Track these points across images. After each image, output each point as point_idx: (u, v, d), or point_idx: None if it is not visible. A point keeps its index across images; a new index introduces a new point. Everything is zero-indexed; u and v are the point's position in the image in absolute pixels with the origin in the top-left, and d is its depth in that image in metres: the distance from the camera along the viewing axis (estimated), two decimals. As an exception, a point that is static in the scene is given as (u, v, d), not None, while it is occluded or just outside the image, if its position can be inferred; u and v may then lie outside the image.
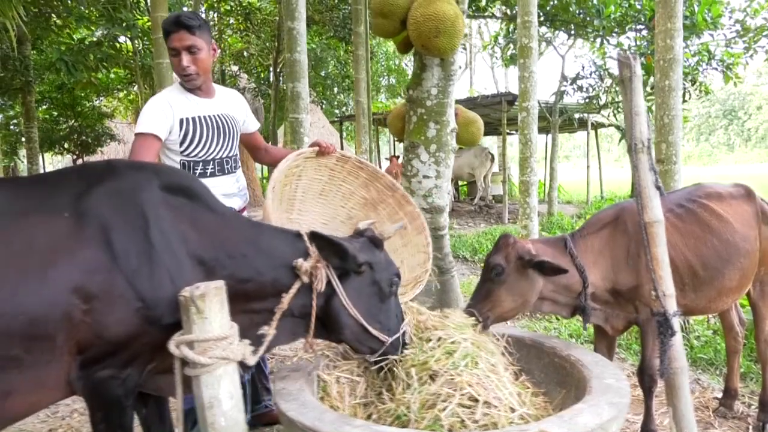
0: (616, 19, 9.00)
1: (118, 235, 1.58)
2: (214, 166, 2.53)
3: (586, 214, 11.61)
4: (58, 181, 1.68)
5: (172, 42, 2.34)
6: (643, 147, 2.35)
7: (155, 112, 2.34)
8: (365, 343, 1.96)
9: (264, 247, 1.85)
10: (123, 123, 19.02)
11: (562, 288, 2.41)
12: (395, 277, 2.02)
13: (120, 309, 1.56)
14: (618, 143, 14.88)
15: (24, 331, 1.41)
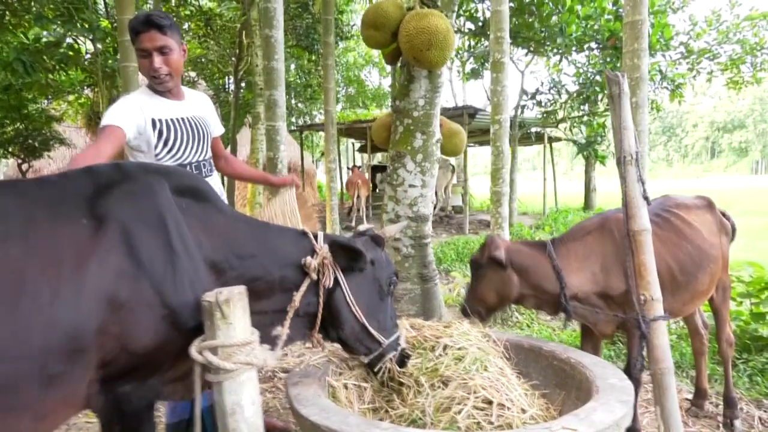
0: (577, 37, 9.41)
1: (140, 241, 1.52)
2: (191, 170, 2.42)
3: (544, 225, 11.97)
4: (65, 184, 1.60)
5: (142, 42, 2.22)
6: (631, 159, 2.48)
7: (122, 108, 2.21)
8: (363, 341, 1.99)
9: (272, 246, 1.86)
10: (73, 127, 18.28)
11: (540, 287, 2.60)
12: (393, 276, 2.09)
13: (147, 317, 1.52)
14: (574, 157, 15.44)
15: (61, 345, 1.35)
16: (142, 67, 2.28)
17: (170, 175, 1.75)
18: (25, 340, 1.27)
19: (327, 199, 8.93)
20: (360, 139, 19.65)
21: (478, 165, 57.20)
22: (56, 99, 15.33)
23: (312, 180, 24.68)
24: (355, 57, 24.51)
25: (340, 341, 2.02)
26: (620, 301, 2.52)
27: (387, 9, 3.22)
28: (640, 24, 4.42)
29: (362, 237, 2.10)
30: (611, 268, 2.54)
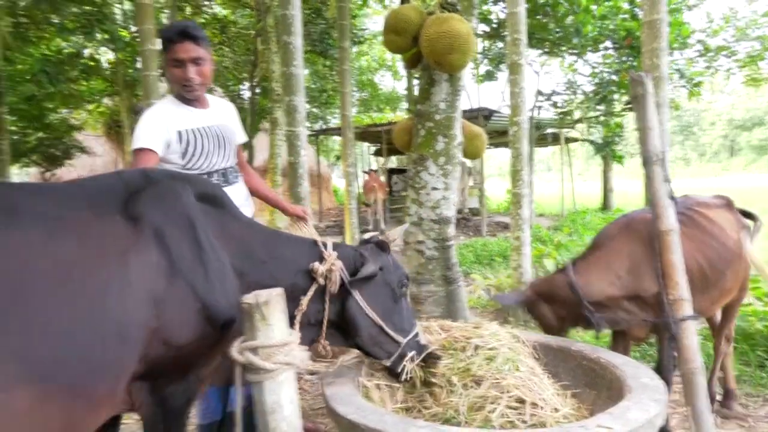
0: (593, 37, 9.38)
1: (172, 240, 1.59)
2: (219, 177, 2.49)
3: (562, 226, 11.91)
4: (99, 187, 1.66)
5: (177, 53, 2.28)
6: (657, 159, 2.49)
7: (150, 126, 2.29)
8: (382, 345, 2.02)
9: (283, 253, 1.92)
10: (92, 135, 18.59)
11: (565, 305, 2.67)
12: (404, 279, 2.13)
13: (183, 312, 1.58)
14: (592, 157, 15.35)
15: (111, 337, 1.40)
16: (174, 76, 2.33)
17: (192, 182, 1.83)
18: (81, 330, 1.33)
19: (345, 203, 8.98)
20: (375, 142, 19.71)
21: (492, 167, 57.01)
22: (76, 108, 15.59)
23: (327, 184, 24.82)
24: (368, 61, 24.61)
25: (358, 347, 2.06)
26: (653, 302, 2.51)
27: (408, 14, 3.26)
28: (658, 23, 4.41)
29: (367, 244, 2.15)
30: (641, 269, 2.52)
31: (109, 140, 19.51)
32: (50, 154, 14.93)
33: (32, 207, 1.39)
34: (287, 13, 4.92)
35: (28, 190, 1.50)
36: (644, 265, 2.52)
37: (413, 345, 2.06)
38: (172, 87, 2.43)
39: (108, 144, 19.69)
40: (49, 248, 1.33)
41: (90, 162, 18.61)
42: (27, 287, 1.26)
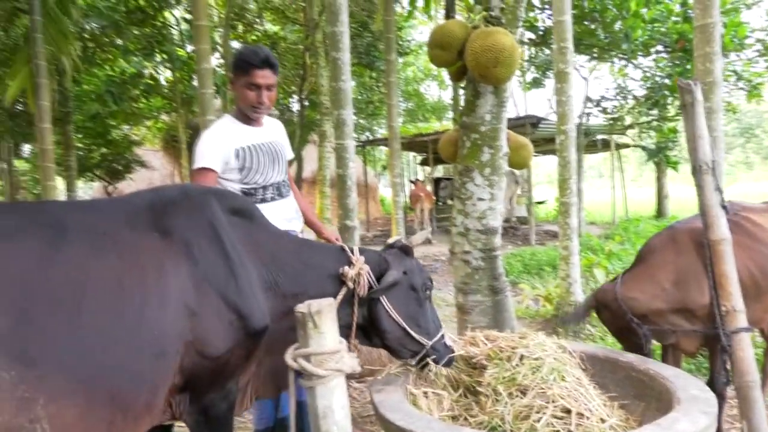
0: (643, 42, 9.16)
1: (202, 253, 1.67)
2: (273, 191, 2.63)
3: (614, 235, 11.61)
4: (138, 203, 1.75)
5: (256, 78, 2.44)
6: (707, 168, 2.46)
7: (210, 146, 2.45)
8: (407, 346, 2.11)
9: (313, 261, 2.01)
10: (151, 150, 19.47)
11: (620, 319, 2.65)
12: (428, 282, 2.20)
13: (217, 324, 1.64)
14: (645, 163, 14.91)
15: (150, 349, 1.46)
16: (246, 97, 2.50)
17: (223, 197, 1.94)
18: (123, 344, 1.41)
19: (392, 213, 9.08)
20: (421, 152, 19.78)
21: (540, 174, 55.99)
22: (136, 125, 16.40)
23: (374, 194, 25.03)
24: (414, 71, 24.76)
25: (385, 347, 2.14)
26: (701, 314, 2.46)
27: (452, 29, 3.32)
28: (711, 27, 4.31)
29: (392, 249, 2.22)
30: (688, 281, 2.49)
31: (166, 154, 20.38)
32: (112, 169, 15.76)
33: (79, 224, 1.48)
34: (335, 30, 5.08)
35: (74, 207, 1.63)
36: (691, 276, 2.48)
37: (439, 346, 2.14)
38: (239, 106, 2.59)
39: (165, 158, 20.57)
40: (94, 264, 1.42)
41: (148, 175, 19.49)
42: (75, 303, 1.34)
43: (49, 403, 1.23)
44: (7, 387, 1.17)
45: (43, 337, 1.26)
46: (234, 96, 2.63)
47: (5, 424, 1.17)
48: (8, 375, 1.17)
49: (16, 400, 1.18)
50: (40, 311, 1.28)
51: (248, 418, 3.22)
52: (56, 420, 1.24)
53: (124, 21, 7.21)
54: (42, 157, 6.54)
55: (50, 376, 1.24)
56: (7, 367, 1.18)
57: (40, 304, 1.28)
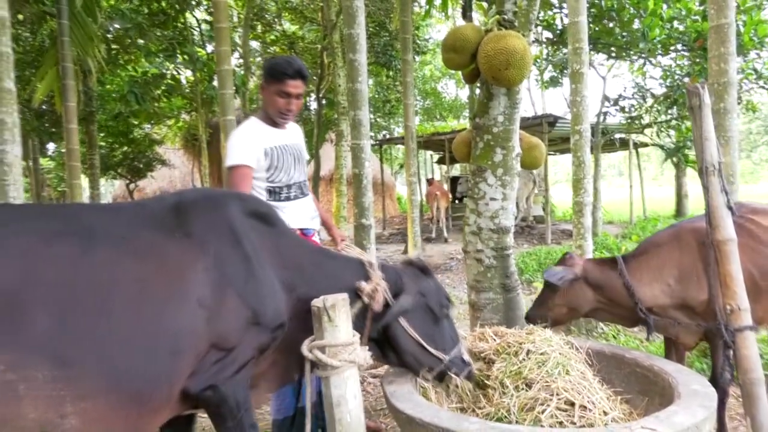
0: (661, 41, 9.11)
1: (222, 253, 1.75)
2: (296, 189, 2.77)
3: (631, 234, 11.56)
4: (161, 206, 1.83)
5: (288, 86, 2.61)
6: (714, 170, 2.51)
7: (244, 144, 2.61)
8: (423, 363, 2.15)
9: (330, 270, 2.07)
10: (171, 149, 19.79)
11: (614, 302, 2.70)
12: (445, 300, 2.24)
13: (234, 318, 1.72)
14: (662, 163, 14.79)
15: (171, 346, 1.55)
16: (276, 104, 2.66)
17: (244, 200, 2.02)
18: (147, 344, 1.50)
19: (408, 212, 9.17)
20: (438, 150, 19.82)
21: (559, 173, 55.57)
22: (158, 124, 16.69)
23: (391, 192, 25.12)
24: (431, 70, 24.79)
25: (400, 364, 2.20)
26: (701, 311, 2.53)
27: (465, 32, 3.40)
28: (726, 28, 4.32)
29: (410, 268, 2.27)
30: (689, 278, 2.56)
31: (186, 152, 20.70)
32: (134, 167, 16.07)
33: (107, 229, 1.58)
34: (352, 32, 5.18)
35: (103, 212, 1.73)
36: (692, 274, 2.54)
37: (456, 361, 2.18)
38: (268, 110, 2.73)
39: (185, 156, 20.89)
40: (120, 268, 1.52)
41: (168, 173, 19.83)
42: (102, 305, 1.44)
43: (77, 401, 1.33)
44: (40, 385, 1.27)
45: (73, 339, 1.36)
46: (263, 100, 2.75)
47: (38, 419, 1.27)
48: (41, 374, 1.27)
49: (48, 397, 1.28)
50: (71, 314, 1.37)
51: (264, 410, 3.33)
52: (84, 416, 1.34)
53: (147, 23, 7.41)
54: (69, 156, 6.76)
55: (79, 375, 1.34)
56: (41, 367, 1.28)
57: (71, 307, 1.38)
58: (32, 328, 1.28)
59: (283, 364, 2.03)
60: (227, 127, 6.38)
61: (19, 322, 1.27)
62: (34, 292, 1.32)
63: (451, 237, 13.40)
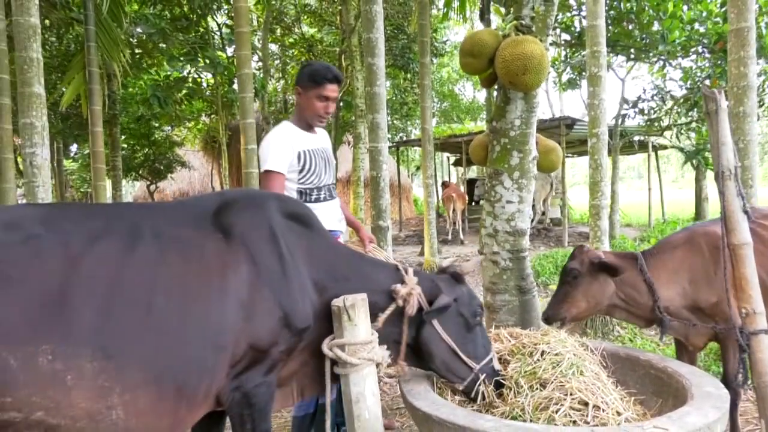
0: (681, 43, 9.04)
1: (259, 253, 1.80)
2: (325, 192, 2.87)
3: (650, 237, 11.46)
4: (203, 205, 1.89)
5: (327, 91, 2.75)
6: (730, 174, 2.52)
7: (277, 149, 2.71)
8: (455, 371, 2.17)
9: (365, 273, 2.11)
10: (191, 151, 20.07)
11: (632, 299, 2.69)
12: (478, 309, 2.26)
13: (268, 318, 1.77)
14: (682, 166, 14.63)
15: (213, 343, 1.61)
16: (315, 107, 2.78)
17: (282, 201, 2.08)
18: (190, 339, 1.55)
19: (425, 214, 9.21)
20: (455, 152, 19.82)
21: (577, 175, 55.06)
22: (178, 126, 16.94)
23: (408, 194, 25.15)
24: (448, 72, 24.80)
25: (433, 370, 2.23)
26: (710, 312, 2.57)
27: (483, 37, 3.45)
28: (746, 31, 4.31)
29: (443, 276, 2.30)
30: (700, 281, 2.60)
31: (205, 154, 20.97)
32: (155, 168, 16.33)
33: (151, 227, 1.64)
34: (371, 36, 5.26)
35: (147, 210, 1.80)
36: (703, 276, 2.57)
37: (486, 369, 2.20)
38: (303, 114, 2.84)
39: (204, 158, 21.17)
40: (165, 265, 1.58)
41: (188, 175, 20.10)
42: (149, 301, 1.49)
43: (124, 392, 1.39)
44: (89, 376, 1.34)
45: (121, 332, 1.42)
46: (299, 104, 2.84)
47: (86, 409, 1.33)
48: (90, 365, 1.34)
49: (97, 388, 1.34)
50: (119, 308, 1.43)
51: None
52: (130, 407, 1.40)
53: (170, 28, 7.57)
54: (94, 158, 6.94)
55: (127, 368, 1.40)
56: (90, 358, 1.34)
57: (119, 302, 1.44)
58: (79, 322, 1.35)
59: (318, 367, 2.03)
60: (247, 129, 6.50)
61: (66, 315, 1.34)
62: (82, 288, 1.39)
63: (467, 239, 13.40)
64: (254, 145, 6.57)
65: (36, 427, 1.27)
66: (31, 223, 1.44)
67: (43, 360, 1.27)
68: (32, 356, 1.26)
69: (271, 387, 1.88)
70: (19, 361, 1.24)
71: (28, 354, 1.26)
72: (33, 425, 1.26)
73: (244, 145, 6.49)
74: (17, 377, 1.24)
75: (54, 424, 1.29)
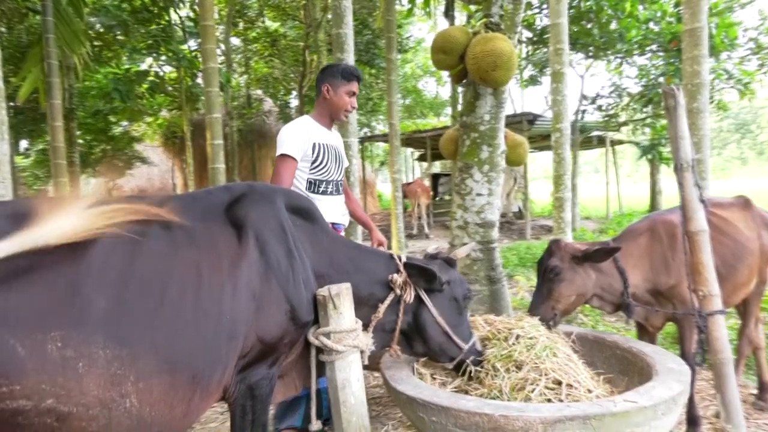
0: (638, 41, 9.40)
1: (269, 245, 1.82)
2: (333, 186, 2.99)
3: (608, 229, 11.87)
4: (212, 199, 1.90)
5: (354, 86, 2.92)
6: (687, 166, 2.68)
7: (295, 136, 2.83)
8: (446, 352, 2.27)
9: (364, 265, 2.17)
10: (151, 146, 19.60)
11: (607, 286, 2.80)
12: (468, 292, 2.36)
13: (275, 311, 1.79)
14: (637, 160, 15.18)
15: (226, 332, 1.61)
16: (344, 102, 2.92)
17: (287, 195, 2.11)
18: (204, 328, 1.55)
19: (392, 208, 9.29)
20: (419, 148, 19.99)
21: (537, 170, 56.34)
22: (137, 121, 16.54)
23: (372, 189, 25.23)
24: (412, 68, 24.95)
25: (425, 354, 2.31)
26: (669, 295, 2.74)
27: (454, 35, 3.55)
28: (699, 31, 4.54)
29: (435, 260, 2.38)
30: (659, 265, 2.76)
31: (165, 150, 20.52)
32: (113, 165, 15.90)
33: (161, 219, 1.62)
34: (341, 32, 5.28)
35: (155, 203, 1.80)
36: (662, 262, 2.74)
37: (473, 351, 2.31)
38: (329, 109, 2.95)
39: (165, 154, 20.72)
40: (177, 255, 1.58)
41: (147, 171, 19.64)
42: (162, 290, 1.49)
43: (138, 380, 1.38)
44: (102, 363, 1.32)
45: (135, 320, 1.41)
46: (327, 100, 2.93)
47: (99, 397, 1.32)
48: (103, 353, 1.33)
49: (110, 375, 1.33)
50: (132, 297, 1.42)
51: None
52: (144, 396, 1.39)
53: (132, 20, 7.38)
54: (54, 154, 6.73)
55: (141, 355, 1.39)
56: (104, 346, 1.33)
57: (132, 290, 1.43)
58: (90, 309, 1.34)
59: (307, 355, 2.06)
60: (213, 124, 6.42)
61: (77, 303, 1.33)
62: (92, 277, 1.38)
63: (433, 233, 13.57)
64: (220, 140, 6.50)
65: (47, 415, 1.26)
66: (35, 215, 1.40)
67: (52, 347, 1.26)
68: (41, 343, 1.25)
69: (273, 380, 1.90)
70: (27, 349, 1.23)
71: (36, 341, 1.25)
72: (44, 413, 1.25)
73: (211, 140, 6.40)
74: (25, 364, 1.23)
75: (66, 412, 1.28)
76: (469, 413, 1.80)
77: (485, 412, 1.78)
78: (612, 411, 1.73)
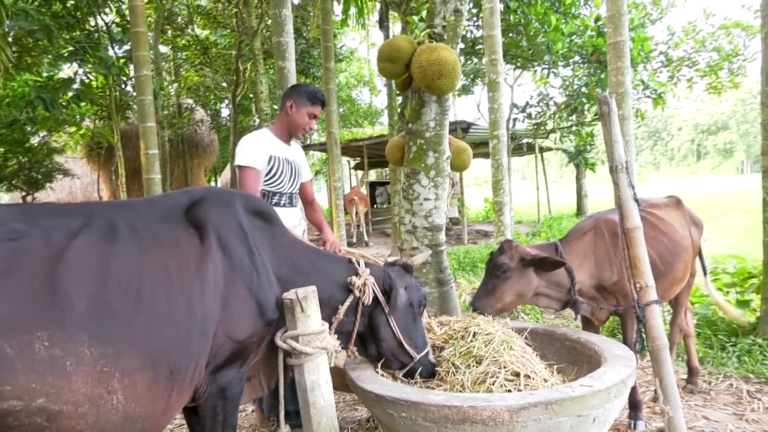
0: (563, 54, 9.95)
1: (231, 245, 1.86)
2: (286, 198, 3.06)
3: (540, 232, 12.39)
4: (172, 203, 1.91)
5: (317, 110, 3.00)
6: (622, 168, 2.89)
7: (256, 148, 2.88)
8: (398, 357, 2.34)
9: (324, 267, 2.23)
10: (71, 158, 18.55)
11: (554, 284, 2.95)
12: (423, 299, 2.45)
13: (243, 310, 1.84)
14: (565, 166, 15.98)
15: (198, 330, 1.65)
16: (304, 121, 3.00)
17: (246, 198, 2.14)
18: (178, 325, 1.59)
19: (333, 216, 9.30)
20: (355, 156, 20.08)
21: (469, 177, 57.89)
22: (57, 131, 15.63)
23: (308, 199, 24.98)
24: (346, 77, 25.09)
25: (377, 357, 2.37)
26: (612, 290, 2.92)
27: (400, 44, 3.64)
28: (621, 44, 4.88)
29: (393, 266, 2.46)
30: (603, 262, 2.94)
31: (89, 162, 19.50)
32: (31, 178, 14.93)
33: (125, 223, 1.66)
34: (281, 40, 5.29)
35: (116, 208, 1.78)
36: (605, 259, 2.92)
37: (425, 361, 2.37)
38: (287, 125, 3.02)
39: (88, 166, 19.68)
40: (145, 256, 1.61)
41: (69, 184, 18.60)
42: (137, 289, 1.52)
43: (123, 377, 1.41)
44: (89, 361, 1.35)
45: (115, 318, 1.43)
46: (287, 116, 3.00)
47: (87, 394, 1.34)
48: (89, 351, 1.35)
49: (97, 373, 1.36)
50: (110, 296, 1.45)
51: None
52: (129, 392, 1.42)
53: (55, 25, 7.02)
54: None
55: (124, 352, 1.42)
56: (89, 344, 1.35)
57: (109, 289, 1.46)
58: (72, 308, 1.35)
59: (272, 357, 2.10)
60: (147, 133, 6.22)
61: (59, 302, 1.34)
62: (70, 277, 1.39)
63: (372, 241, 13.66)
64: (155, 150, 6.31)
65: (37, 415, 1.27)
66: (10, 219, 1.43)
67: (40, 346, 1.27)
68: (28, 343, 1.26)
69: (243, 380, 1.94)
70: (15, 349, 1.23)
71: (24, 342, 1.25)
72: (34, 413, 1.26)
73: (145, 150, 6.20)
74: (15, 364, 1.23)
75: (56, 411, 1.29)
76: (438, 406, 1.86)
77: (454, 404, 1.85)
78: (571, 396, 1.85)
